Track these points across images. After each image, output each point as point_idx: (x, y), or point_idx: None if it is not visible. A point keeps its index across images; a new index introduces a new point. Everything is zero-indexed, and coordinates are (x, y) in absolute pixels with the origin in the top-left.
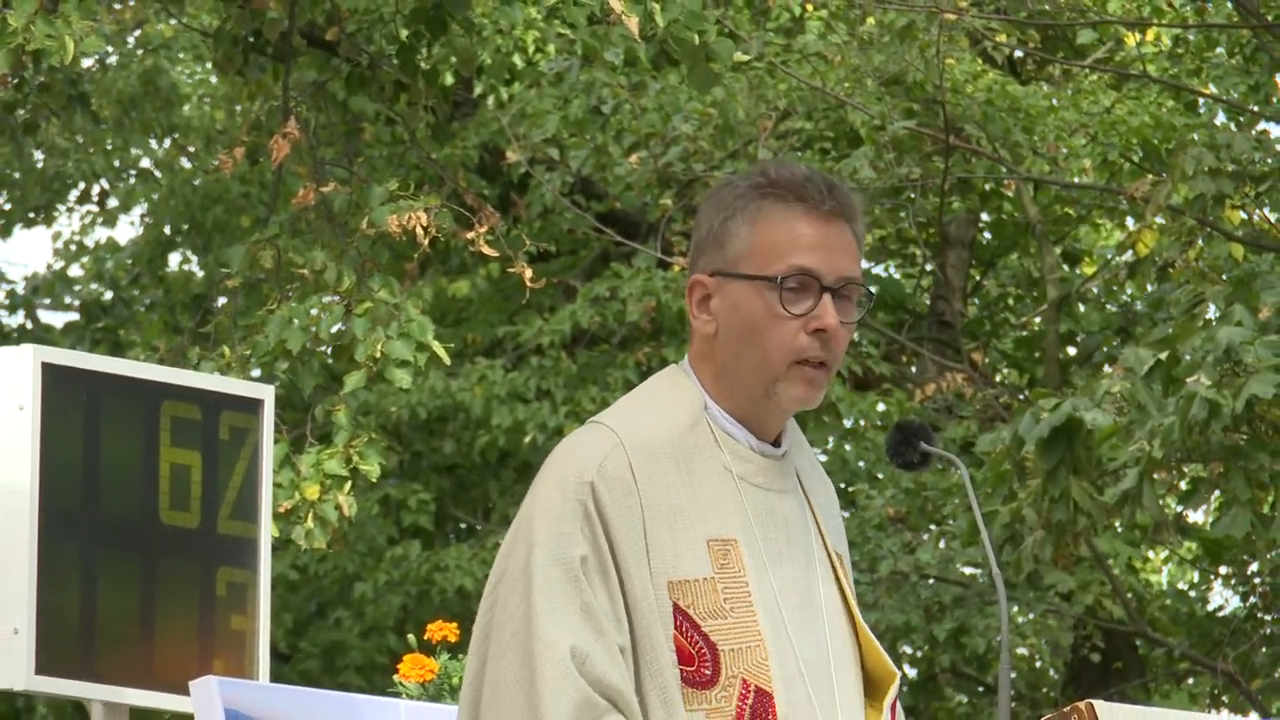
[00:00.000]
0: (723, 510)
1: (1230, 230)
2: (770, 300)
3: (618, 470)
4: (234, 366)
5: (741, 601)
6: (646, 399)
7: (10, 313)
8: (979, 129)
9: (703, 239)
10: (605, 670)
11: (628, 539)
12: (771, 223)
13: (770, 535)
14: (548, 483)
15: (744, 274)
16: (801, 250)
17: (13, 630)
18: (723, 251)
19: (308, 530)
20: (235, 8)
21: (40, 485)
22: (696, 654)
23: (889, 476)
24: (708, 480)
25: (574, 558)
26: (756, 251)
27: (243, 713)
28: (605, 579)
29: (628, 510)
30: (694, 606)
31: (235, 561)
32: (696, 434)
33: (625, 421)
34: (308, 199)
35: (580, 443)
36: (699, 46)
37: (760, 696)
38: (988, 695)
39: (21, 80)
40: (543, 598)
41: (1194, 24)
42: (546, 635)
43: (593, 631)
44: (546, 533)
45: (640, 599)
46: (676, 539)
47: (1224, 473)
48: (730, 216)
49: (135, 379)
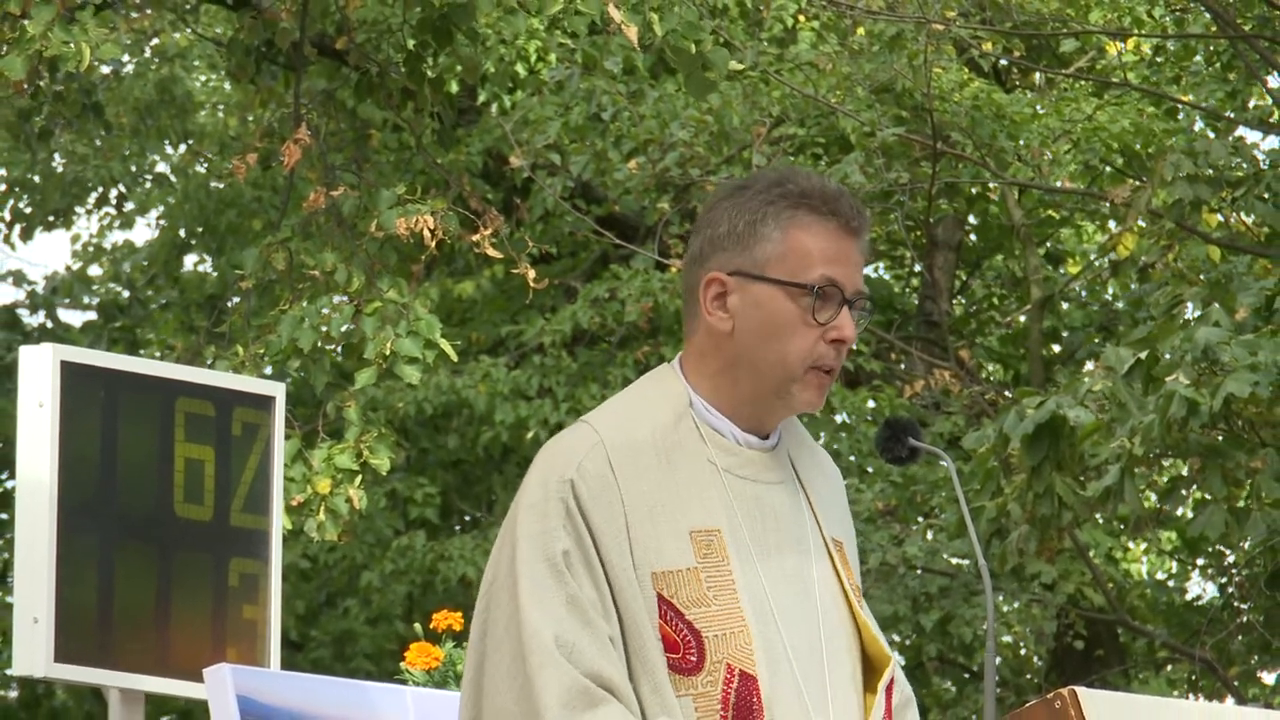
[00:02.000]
0: (706, 502)
1: (1208, 233)
2: (802, 306)
3: (597, 468)
4: (248, 365)
5: (725, 589)
6: (632, 398)
7: (31, 312)
8: (965, 135)
9: (720, 236)
10: (594, 659)
11: (609, 533)
12: (807, 232)
13: (757, 525)
14: (532, 482)
15: (773, 278)
16: (830, 262)
17: (33, 619)
18: (748, 253)
19: (320, 523)
20: (248, 18)
21: (59, 479)
22: (681, 641)
23: (879, 470)
24: (691, 474)
25: (556, 552)
26: (789, 257)
27: (255, 699)
28: (590, 571)
29: (608, 505)
30: (677, 596)
31: (247, 553)
32: (680, 429)
33: (608, 420)
34: (318, 203)
35: (562, 442)
36: (695, 56)
37: (745, 680)
38: (973, 682)
39: (37, 89)
40: (528, 591)
41: (1173, 34)
42: (532, 626)
43: (579, 622)
44: (530, 530)
45: (625, 590)
46: (659, 531)
47: (1201, 469)
48: (759, 220)
49: (151, 376)
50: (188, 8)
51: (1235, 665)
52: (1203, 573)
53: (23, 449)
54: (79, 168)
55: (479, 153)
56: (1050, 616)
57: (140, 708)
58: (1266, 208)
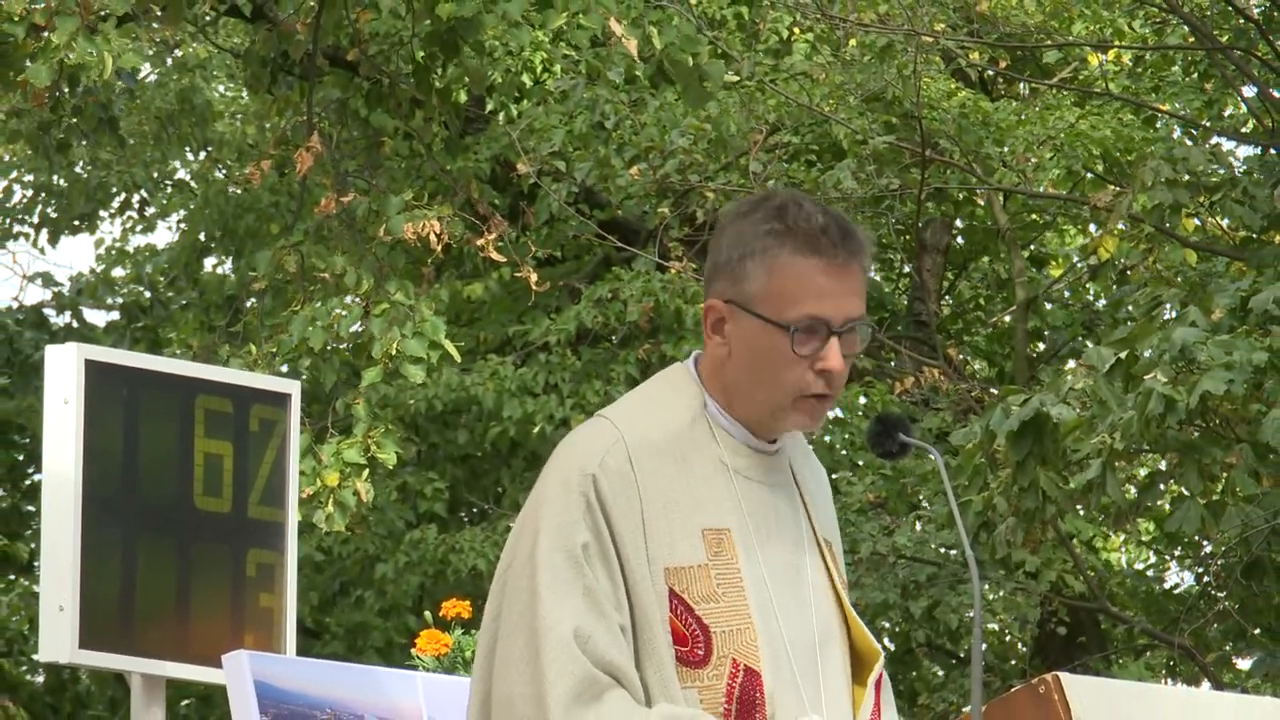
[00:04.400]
0: (717, 501)
1: (1185, 237)
2: (781, 343)
3: (618, 464)
4: (260, 363)
5: (733, 587)
6: (649, 397)
7: (57, 313)
8: (953, 142)
9: (719, 265)
10: (606, 648)
11: (627, 528)
12: (787, 271)
13: (761, 525)
14: (554, 475)
15: (758, 314)
16: (812, 299)
17: (58, 608)
18: (739, 286)
19: (328, 514)
20: (264, 31)
21: (84, 473)
22: (690, 635)
23: (869, 464)
24: (704, 474)
25: (576, 545)
26: (771, 296)
27: (271, 684)
28: (606, 564)
29: (627, 501)
30: (689, 591)
31: (264, 544)
32: (695, 431)
33: (628, 418)
34: (330, 208)
35: (584, 437)
36: (693, 68)
37: (749, 675)
38: (960, 666)
39: (57, 102)
40: (547, 582)
41: (1152, 45)
42: (550, 616)
43: (595, 613)
44: (552, 522)
45: (638, 583)
46: (673, 528)
47: (1179, 464)
48: (748, 255)
49: (172, 374)
50: (207, 20)
51: (1212, 651)
52: (1180, 563)
53: (49, 444)
54: (103, 174)
55: (487, 159)
56: (1034, 604)
57: (161, 692)
58: (1242, 213)
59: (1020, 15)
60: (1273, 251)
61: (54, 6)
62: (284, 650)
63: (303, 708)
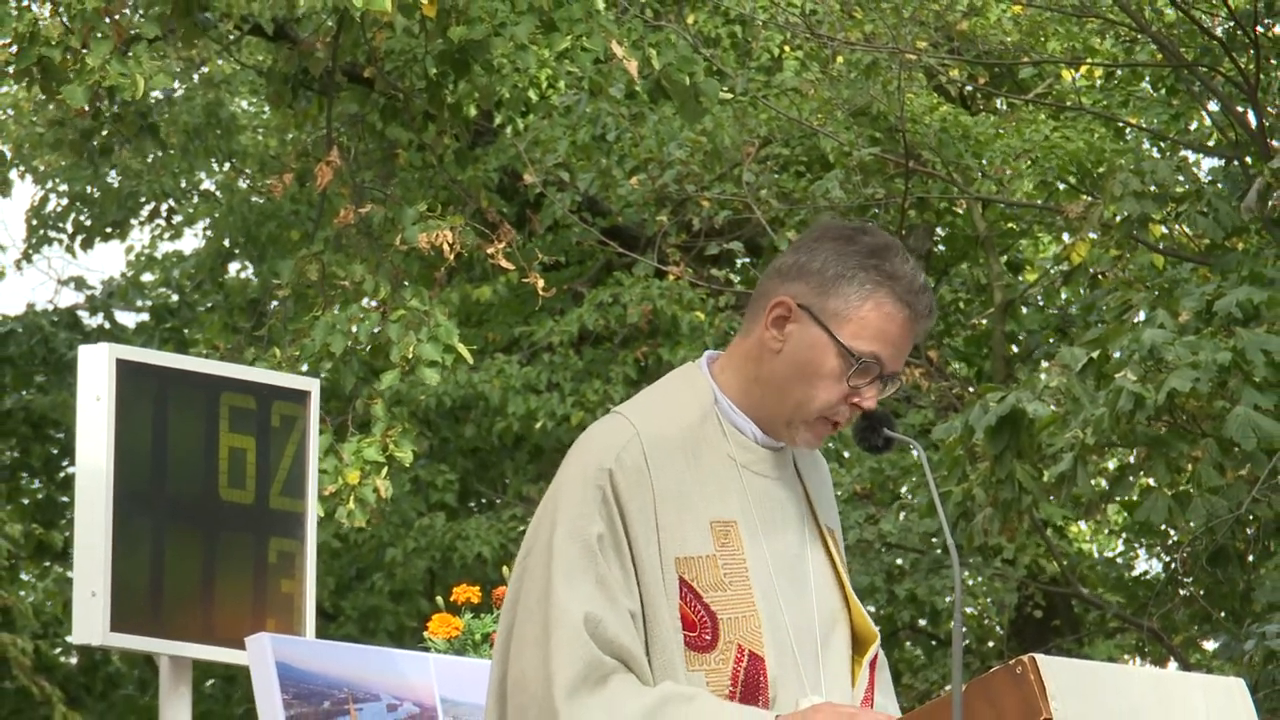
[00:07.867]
0: (725, 495)
1: (1153, 243)
2: (836, 365)
3: (633, 459)
4: (284, 365)
5: (739, 576)
6: (663, 394)
7: (90, 314)
8: (935, 154)
9: (810, 270)
10: (617, 633)
11: (640, 520)
12: (879, 310)
13: (766, 516)
14: (572, 468)
15: (833, 332)
16: (884, 343)
17: (91, 593)
18: (823, 298)
19: (349, 511)
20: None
21: (115, 467)
22: (699, 621)
23: (856, 457)
24: (713, 468)
25: (592, 535)
26: (854, 323)
27: (292, 665)
28: (619, 554)
29: (640, 495)
30: (698, 580)
31: (285, 533)
32: (705, 427)
33: (642, 414)
34: (348, 218)
35: (602, 433)
36: (689, 86)
37: (753, 660)
38: (941, 648)
39: (98, 111)
40: (562, 570)
41: (1123, 62)
42: (563, 603)
43: (606, 600)
44: (568, 513)
45: (648, 573)
46: (683, 520)
47: (1147, 458)
48: (848, 278)
49: (198, 373)
50: (231, 40)
51: (1179, 634)
52: (1149, 550)
53: (82, 438)
54: (134, 184)
55: (495, 170)
56: (1011, 589)
57: (188, 673)
58: (1207, 222)
59: (998, 34)
60: (1235, 258)
61: (89, 29)
62: (304, 633)
63: (321, 687)
